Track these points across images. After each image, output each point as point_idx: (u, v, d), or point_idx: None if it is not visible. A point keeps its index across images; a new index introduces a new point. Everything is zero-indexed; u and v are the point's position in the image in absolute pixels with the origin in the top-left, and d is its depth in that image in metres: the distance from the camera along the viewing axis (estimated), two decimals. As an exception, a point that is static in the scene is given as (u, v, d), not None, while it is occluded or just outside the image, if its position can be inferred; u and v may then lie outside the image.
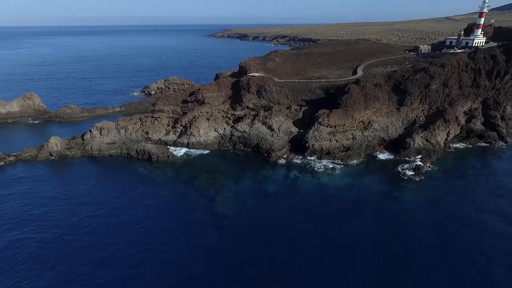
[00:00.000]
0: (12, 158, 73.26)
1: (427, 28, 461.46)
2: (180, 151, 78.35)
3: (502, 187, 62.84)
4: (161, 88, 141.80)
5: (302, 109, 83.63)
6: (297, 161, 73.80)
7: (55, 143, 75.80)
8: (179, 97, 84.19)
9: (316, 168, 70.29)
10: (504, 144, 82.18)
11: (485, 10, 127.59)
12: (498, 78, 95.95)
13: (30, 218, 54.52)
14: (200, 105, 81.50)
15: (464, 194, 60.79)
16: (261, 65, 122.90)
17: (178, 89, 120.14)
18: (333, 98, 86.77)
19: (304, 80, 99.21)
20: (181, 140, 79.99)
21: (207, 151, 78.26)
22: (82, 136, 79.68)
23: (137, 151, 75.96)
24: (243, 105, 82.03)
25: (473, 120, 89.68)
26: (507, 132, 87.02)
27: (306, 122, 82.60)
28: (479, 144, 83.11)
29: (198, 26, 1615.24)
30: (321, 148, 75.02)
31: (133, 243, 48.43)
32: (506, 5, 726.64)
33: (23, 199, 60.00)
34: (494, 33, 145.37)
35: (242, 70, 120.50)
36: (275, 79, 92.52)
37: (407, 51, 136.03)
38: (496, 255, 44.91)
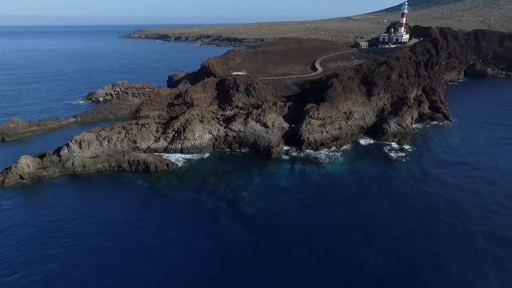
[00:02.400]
0: (-30, 188, 59.76)
1: (336, 27, 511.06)
2: (174, 158, 74.05)
3: (465, 154, 76.51)
4: (111, 94, 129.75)
5: (287, 105, 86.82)
6: (296, 154, 76.79)
7: (26, 163, 64.23)
8: (164, 101, 79.11)
9: (317, 159, 74.36)
10: (449, 122, 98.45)
11: (405, 11, 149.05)
12: (432, 68, 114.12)
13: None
14: (189, 108, 78.11)
15: (442, 163, 72.42)
16: (223, 65, 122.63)
17: (139, 93, 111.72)
18: (310, 93, 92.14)
19: (277, 78, 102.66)
20: (173, 146, 75.58)
21: (206, 155, 75.62)
22: (56, 152, 69.10)
23: (129, 163, 69.28)
24: (232, 104, 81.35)
25: (422, 105, 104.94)
26: (448, 112, 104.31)
27: (292, 117, 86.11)
28: (431, 123, 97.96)
29: (100, 27, 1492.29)
30: (315, 140, 79.43)
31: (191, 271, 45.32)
32: (394, 6, 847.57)
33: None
34: (412, 31, 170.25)
35: (206, 70, 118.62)
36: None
37: (349, 47, 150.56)
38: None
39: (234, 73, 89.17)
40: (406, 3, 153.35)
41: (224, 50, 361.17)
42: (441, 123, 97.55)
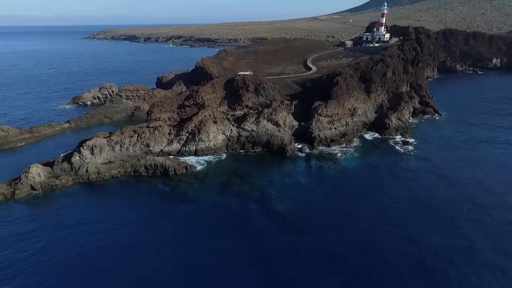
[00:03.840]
0: (-22, 202, 54.87)
1: (305, 27, 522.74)
2: (191, 161, 72.57)
3: (466, 144, 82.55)
4: (98, 97, 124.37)
5: (293, 103, 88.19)
6: (309, 151, 78.28)
7: (37, 173, 60.10)
8: (175, 103, 77.25)
9: (330, 155, 76.35)
10: (440, 116, 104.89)
11: (385, 11, 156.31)
12: (417, 65, 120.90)
13: None
14: (200, 109, 76.96)
15: (448, 153, 77.34)
16: (217, 65, 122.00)
17: (133, 96, 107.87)
18: (312, 91, 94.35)
19: (277, 77, 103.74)
20: (187, 148, 74.10)
21: (223, 157, 74.84)
22: (66, 159, 65.28)
23: (146, 167, 67.07)
24: (242, 104, 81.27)
25: (413, 100, 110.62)
26: (436, 107, 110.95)
27: (299, 115, 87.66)
28: (424, 117, 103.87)
29: (58, 28, 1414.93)
30: (325, 137, 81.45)
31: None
32: (357, 7, 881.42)
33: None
34: (391, 30, 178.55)
35: (200, 71, 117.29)
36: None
37: (336, 47, 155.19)
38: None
39: (241, 73, 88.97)
40: (386, 4, 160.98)
41: (199, 51, 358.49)
42: (432, 117, 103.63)
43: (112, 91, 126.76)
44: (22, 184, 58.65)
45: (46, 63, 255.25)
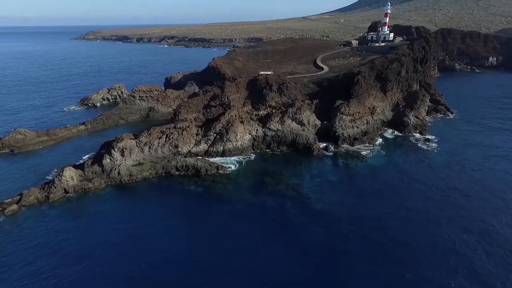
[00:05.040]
0: (14, 207, 53.21)
1: (297, 27, 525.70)
2: (220, 161, 72.10)
3: (484, 140, 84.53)
4: (108, 98, 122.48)
5: (314, 102, 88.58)
6: (334, 150, 78.78)
7: (70, 176, 58.76)
8: (200, 103, 76.66)
9: (356, 153, 76.99)
10: (452, 114, 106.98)
11: (389, 11, 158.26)
12: (425, 64, 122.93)
13: None
14: (225, 109, 76.60)
15: (471, 148, 79.35)
16: (229, 65, 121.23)
17: (146, 97, 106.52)
18: (329, 90, 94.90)
19: (293, 76, 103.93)
20: (214, 149, 73.62)
21: (252, 157, 74.57)
22: (97, 162, 64.05)
23: (177, 168, 66.38)
24: (266, 104, 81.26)
25: (425, 98, 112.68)
26: (447, 105, 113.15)
27: (319, 114, 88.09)
28: (438, 115, 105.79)
29: (42, 28, 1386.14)
30: (349, 135, 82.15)
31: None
32: (346, 6, 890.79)
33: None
34: (393, 30, 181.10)
35: (213, 71, 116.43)
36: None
37: (342, 46, 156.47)
38: None
39: (262, 72, 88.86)
40: (389, 3, 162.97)
41: (195, 51, 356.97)
42: (446, 115, 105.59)
43: (121, 92, 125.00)
44: (55, 187, 57.30)
45: (41, 64, 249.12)
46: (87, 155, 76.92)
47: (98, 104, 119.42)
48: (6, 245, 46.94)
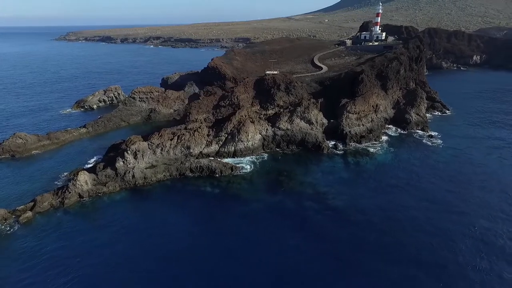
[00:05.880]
0: (29, 214, 51.18)
1: (283, 27, 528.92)
2: (233, 161, 71.62)
3: (486, 136, 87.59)
4: (104, 100, 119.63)
5: (319, 101, 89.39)
6: (343, 148, 79.77)
7: (84, 180, 57.05)
8: (210, 104, 75.99)
9: (365, 150, 78.30)
10: (449, 110, 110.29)
11: (380, 11, 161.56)
12: (420, 63, 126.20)
13: None
14: (235, 109, 76.28)
15: (474, 142, 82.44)
16: (229, 64, 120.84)
17: (147, 98, 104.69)
18: (332, 89, 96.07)
19: (294, 75, 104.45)
20: (226, 149, 73.15)
21: (265, 157, 74.44)
22: (109, 165, 62.45)
23: (191, 170, 65.59)
24: (274, 103, 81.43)
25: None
26: (443, 102, 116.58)
27: (325, 113, 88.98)
28: (435, 113, 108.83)
29: (18, 29, 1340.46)
30: (356, 133, 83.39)
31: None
32: (329, 6, 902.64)
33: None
34: (384, 29, 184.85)
35: (213, 71, 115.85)
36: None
37: (336, 45, 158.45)
38: None
39: (268, 72, 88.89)
40: (380, 4, 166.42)
41: (183, 52, 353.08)
42: (442, 112, 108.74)
43: (118, 93, 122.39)
44: (70, 192, 55.52)
45: (25, 66, 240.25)
46: (93, 159, 75.08)
47: (95, 106, 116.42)
48: (26, 254, 45.19)
